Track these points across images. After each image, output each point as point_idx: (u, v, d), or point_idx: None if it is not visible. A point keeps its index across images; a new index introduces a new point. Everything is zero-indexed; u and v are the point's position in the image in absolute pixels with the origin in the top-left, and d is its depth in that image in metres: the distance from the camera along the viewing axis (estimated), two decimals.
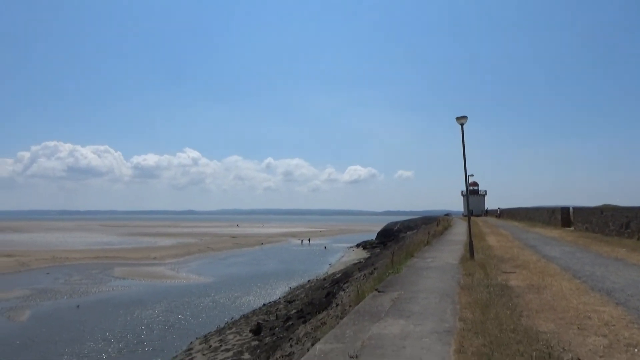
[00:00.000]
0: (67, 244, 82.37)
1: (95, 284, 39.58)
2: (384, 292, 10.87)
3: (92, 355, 20.74)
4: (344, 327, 7.93)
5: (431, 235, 27.73)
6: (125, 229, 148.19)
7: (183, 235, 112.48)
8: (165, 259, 59.44)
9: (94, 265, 52.43)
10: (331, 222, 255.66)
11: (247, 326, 23.35)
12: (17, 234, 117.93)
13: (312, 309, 21.38)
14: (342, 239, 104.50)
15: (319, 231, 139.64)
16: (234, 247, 79.04)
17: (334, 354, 6.43)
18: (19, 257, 57.00)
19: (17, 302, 31.82)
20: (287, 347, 13.63)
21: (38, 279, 42.47)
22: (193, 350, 20.63)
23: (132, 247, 76.71)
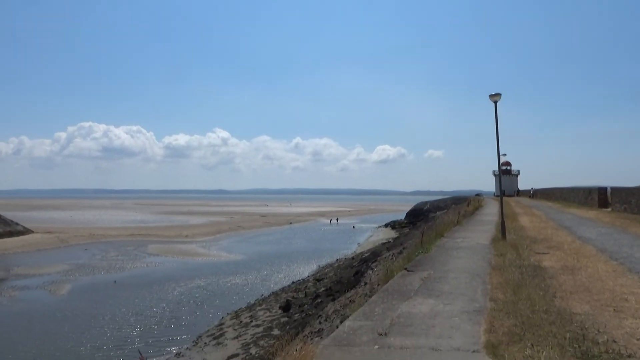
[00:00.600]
0: (103, 222, 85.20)
1: (130, 260, 40.89)
2: (413, 271, 10.82)
3: (128, 329, 21.53)
4: (373, 305, 7.94)
5: (461, 215, 27.37)
6: (158, 208, 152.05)
7: (214, 214, 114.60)
8: (197, 237, 60.78)
9: (129, 242, 54.10)
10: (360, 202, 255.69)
11: (277, 303, 23.74)
12: (57, 211, 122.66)
13: (340, 288, 21.54)
14: (371, 219, 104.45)
15: (348, 211, 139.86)
16: (264, 226, 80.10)
17: (362, 331, 6.46)
18: (59, 233, 59.36)
19: (58, 277, 33.23)
20: (316, 323, 13.82)
21: (77, 254, 44.16)
22: (224, 325, 21.15)
23: (165, 225, 78.71)
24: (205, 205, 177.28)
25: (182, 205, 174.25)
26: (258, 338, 18.12)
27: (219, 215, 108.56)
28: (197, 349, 18.32)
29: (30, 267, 37.75)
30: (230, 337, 19.16)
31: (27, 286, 30.33)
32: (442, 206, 73.46)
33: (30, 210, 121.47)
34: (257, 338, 18.16)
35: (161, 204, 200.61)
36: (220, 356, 16.89)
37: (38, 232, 60.97)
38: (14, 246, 49.18)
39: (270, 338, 17.59)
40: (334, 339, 6.18)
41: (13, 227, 60.67)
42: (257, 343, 17.46)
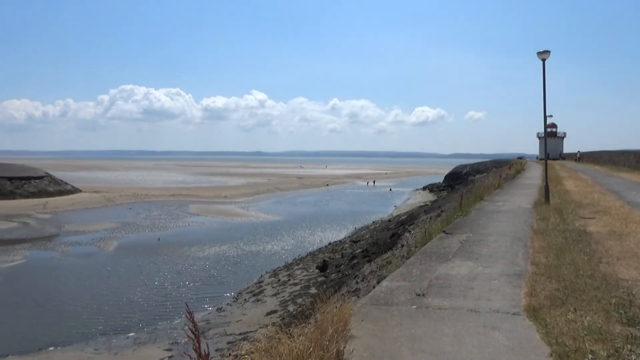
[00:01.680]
0: (146, 182, 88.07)
1: (172, 219, 42.34)
2: (451, 234, 10.70)
3: (172, 284, 22.51)
4: (410, 267, 7.93)
5: (502, 179, 26.71)
6: (198, 169, 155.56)
7: (252, 175, 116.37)
8: (235, 197, 62.08)
9: (171, 202, 55.88)
10: (397, 165, 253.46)
11: (314, 263, 24.18)
12: (102, 172, 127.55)
13: (376, 249, 21.67)
14: (408, 182, 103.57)
15: (385, 173, 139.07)
16: (301, 188, 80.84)
17: (400, 291, 6.48)
18: (105, 193, 61.89)
19: (106, 234, 34.87)
20: (352, 283, 14.02)
21: (122, 213, 46.06)
22: (263, 283, 21.80)
23: (205, 186, 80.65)
24: (243, 167, 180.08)
25: (220, 167, 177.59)
26: (295, 296, 18.61)
27: (256, 176, 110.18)
28: (237, 304, 19.02)
29: (79, 224, 39.72)
30: (269, 294, 19.76)
31: (78, 242, 32.02)
32: (482, 169, 71.87)
33: (77, 170, 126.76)
34: (294, 296, 18.65)
35: (200, 165, 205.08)
36: (260, 312, 17.48)
37: (85, 191, 63.76)
38: (64, 204, 51.76)
39: (307, 296, 18.03)
40: (372, 298, 6.23)
41: (63, 186, 63.65)
42: (294, 300, 17.95)
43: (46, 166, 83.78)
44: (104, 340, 15.93)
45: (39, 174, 63.60)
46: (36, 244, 31.27)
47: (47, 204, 51.17)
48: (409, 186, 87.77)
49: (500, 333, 4.94)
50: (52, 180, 63.80)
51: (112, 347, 15.31)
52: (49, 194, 58.91)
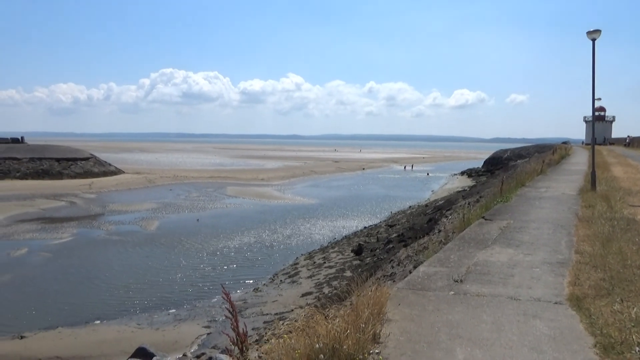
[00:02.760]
0: (185, 164, 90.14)
1: (211, 201, 43.25)
2: (491, 220, 10.47)
3: (211, 264, 23.08)
4: (448, 252, 7.83)
5: (545, 164, 25.84)
6: (235, 152, 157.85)
7: (288, 158, 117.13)
8: (272, 180, 62.73)
9: (209, 184, 57.02)
10: (435, 149, 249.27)
11: (349, 246, 24.24)
12: (143, 154, 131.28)
13: (413, 234, 21.48)
14: (446, 166, 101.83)
15: (422, 157, 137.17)
16: (336, 172, 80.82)
17: (437, 277, 6.41)
18: (146, 174, 63.78)
19: (148, 214, 36.00)
20: (388, 267, 13.98)
21: (163, 194, 47.40)
22: (299, 265, 22.04)
23: (242, 168, 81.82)
24: (279, 150, 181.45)
25: (257, 150, 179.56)
26: (331, 278, 18.73)
27: (292, 159, 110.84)
28: (273, 285, 19.34)
29: (122, 204, 41.17)
30: (304, 276, 19.97)
31: (121, 221, 33.22)
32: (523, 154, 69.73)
33: (120, 152, 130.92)
34: (329, 278, 18.78)
35: (238, 147, 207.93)
36: (295, 293, 17.71)
37: (128, 172, 65.91)
38: (108, 185, 53.72)
39: (342, 279, 18.11)
40: (408, 283, 6.19)
41: (107, 167, 65.99)
42: (329, 283, 18.08)
43: (91, 148, 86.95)
44: (146, 315, 16.55)
45: (85, 156, 66.13)
46: (82, 223, 32.64)
47: (92, 184, 53.25)
48: (446, 171, 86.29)
49: (541, 322, 4.82)
50: (97, 162, 66.23)
51: (153, 322, 15.90)
52: (94, 174, 61.25)
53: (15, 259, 23.28)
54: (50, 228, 30.56)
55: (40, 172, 58.97)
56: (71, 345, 13.91)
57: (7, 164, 59.05)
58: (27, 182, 54.16)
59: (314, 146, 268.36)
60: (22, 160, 60.38)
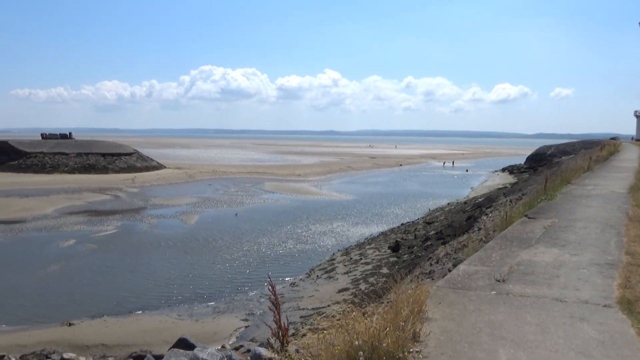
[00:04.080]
0: (224, 159, 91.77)
1: (249, 196, 43.87)
2: (534, 218, 10.15)
3: (246, 259, 23.42)
4: (489, 251, 7.63)
5: (592, 161, 24.82)
6: (272, 147, 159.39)
7: (324, 154, 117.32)
8: (308, 176, 63.00)
9: (247, 179, 57.84)
10: (474, 145, 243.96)
11: (386, 243, 24.07)
12: (184, 149, 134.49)
13: (451, 232, 21.11)
14: (486, 163, 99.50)
15: (461, 153, 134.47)
16: (373, 168, 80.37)
17: (478, 276, 6.27)
18: (187, 169, 65.31)
19: (188, 208, 36.88)
20: (426, 265, 13.80)
21: (202, 189, 48.43)
22: (335, 261, 22.06)
23: (279, 164, 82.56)
24: (316, 146, 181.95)
25: (294, 146, 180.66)
26: (367, 275, 18.67)
27: (329, 155, 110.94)
28: (309, 280, 19.45)
29: (164, 198, 42.34)
30: (341, 272, 19.98)
31: (163, 215, 34.17)
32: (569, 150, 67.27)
33: (161, 147, 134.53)
34: (366, 275, 18.72)
35: (275, 143, 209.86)
36: (331, 289, 17.75)
37: (169, 167, 67.68)
38: (150, 179, 55.34)
39: (379, 276, 18.03)
40: (448, 281, 6.08)
41: (149, 162, 67.99)
42: (366, 279, 18.02)
43: (134, 143, 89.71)
44: (186, 307, 16.98)
45: (128, 151, 68.35)
46: (126, 216, 33.77)
47: (135, 179, 54.99)
48: (486, 167, 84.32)
49: (589, 325, 4.64)
50: (140, 157, 68.33)
51: (193, 314, 16.29)
52: (137, 169, 63.24)
53: (64, 250, 24.34)
54: (96, 220, 31.78)
55: (87, 166, 61.40)
56: (116, 334, 14.44)
57: (57, 159, 61.80)
58: (75, 176, 56.52)
59: (350, 142, 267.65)
60: (70, 155, 63.04)
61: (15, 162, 60.51)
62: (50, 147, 64.67)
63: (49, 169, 59.59)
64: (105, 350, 13.37)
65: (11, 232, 28.08)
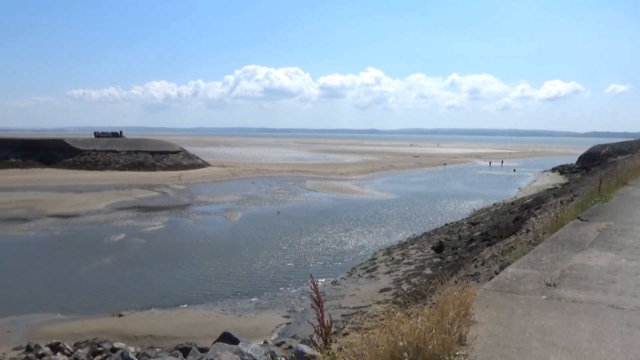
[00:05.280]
0: (267, 158, 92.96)
1: (291, 194, 44.23)
2: (587, 221, 9.69)
3: (288, 257, 23.62)
4: (539, 254, 7.35)
5: None
6: (314, 146, 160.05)
7: (367, 153, 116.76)
8: (350, 174, 62.87)
9: (290, 177, 58.34)
10: (522, 144, 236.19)
11: (429, 243, 23.69)
12: (228, 147, 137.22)
13: (497, 233, 20.51)
14: (535, 162, 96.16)
15: (508, 153, 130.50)
16: (416, 167, 79.28)
17: (527, 279, 6.05)
18: (231, 167, 66.61)
19: (231, 205, 37.59)
20: (471, 267, 13.46)
21: (245, 186, 49.24)
22: (377, 260, 21.91)
23: (321, 162, 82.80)
24: (358, 145, 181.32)
25: (336, 144, 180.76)
26: (410, 275, 18.43)
27: (371, 154, 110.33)
28: (351, 279, 19.40)
29: (209, 195, 43.35)
30: (383, 271, 19.83)
31: (207, 212, 35.00)
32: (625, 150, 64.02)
33: (206, 146, 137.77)
34: (408, 275, 18.48)
35: (317, 142, 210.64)
36: (373, 288, 17.64)
37: (214, 165, 69.24)
38: (195, 177, 56.81)
39: (422, 276, 17.76)
40: (496, 284, 5.89)
41: (195, 160, 69.79)
42: (408, 280, 17.79)
43: (180, 142, 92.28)
44: (229, 302, 17.32)
45: (175, 149, 70.42)
46: (173, 212, 34.81)
47: (181, 176, 56.60)
48: (535, 167, 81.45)
49: None
50: (186, 155, 70.26)
51: (236, 309, 16.60)
52: (183, 167, 65.07)
53: (115, 244, 25.36)
54: (145, 216, 32.92)
55: (136, 163, 63.76)
56: (162, 326, 14.92)
57: (108, 156, 64.51)
58: (125, 173, 58.79)
59: (393, 141, 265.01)
60: (120, 153, 65.65)
61: (70, 159, 63.61)
62: (102, 145, 67.58)
63: (101, 166, 62.28)
64: (153, 341, 13.84)
65: (67, 226, 29.53)
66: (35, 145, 66.34)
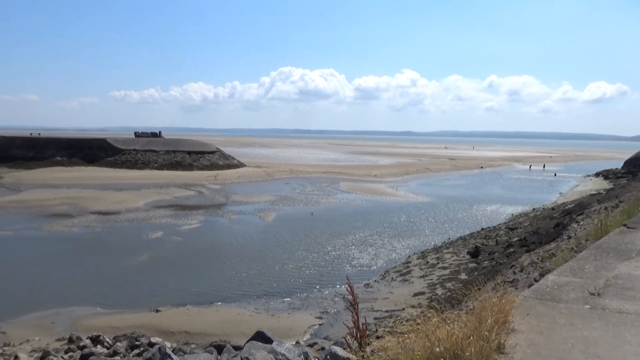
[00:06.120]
0: (301, 159, 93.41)
1: (324, 195, 44.28)
2: (635, 228, 9.28)
3: (320, 258, 23.63)
4: (582, 262, 7.09)
5: None
6: (349, 148, 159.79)
7: (401, 155, 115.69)
8: (385, 177, 62.42)
9: (323, 178, 58.43)
10: (564, 147, 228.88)
11: (465, 248, 23.24)
12: (263, 148, 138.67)
13: (537, 239, 19.93)
14: (577, 167, 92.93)
15: (549, 156, 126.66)
16: (452, 170, 77.99)
17: (569, 288, 5.83)
18: (265, 168, 67.27)
19: (266, 205, 37.95)
20: (509, 273, 13.11)
21: (280, 187, 49.63)
22: (411, 264, 21.66)
23: (355, 164, 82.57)
24: (392, 147, 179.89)
25: (370, 146, 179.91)
26: (444, 280, 18.13)
27: (406, 156, 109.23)
28: (384, 282, 19.24)
29: (244, 195, 43.92)
30: (417, 275, 19.58)
31: (242, 211, 35.46)
32: None
33: (242, 146, 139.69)
34: (443, 279, 18.19)
35: (351, 144, 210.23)
36: (406, 292, 17.44)
37: (249, 166, 70.11)
38: (231, 177, 57.67)
39: (457, 281, 17.44)
40: (536, 292, 5.71)
41: (230, 160, 70.87)
42: (443, 284, 17.50)
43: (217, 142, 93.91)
44: (263, 301, 17.49)
45: (211, 149, 71.72)
46: (208, 211, 35.44)
47: (217, 176, 57.58)
48: (577, 171, 78.71)
49: None
50: (222, 155, 71.44)
51: (269, 308, 16.74)
52: (219, 167, 66.19)
53: (153, 241, 26.03)
54: (181, 214, 33.66)
55: (174, 163, 65.31)
56: (197, 323, 15.20)
57: (148, 156, 66.34)
58: (163, 172, 60.31)
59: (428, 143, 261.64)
60: (159, 153, 67.40)
61: (111, 158, 65.76)
62: (142, 144, 69.55)
63: (140, 165, 64.11)
64: (188, 338, 14.12)
65: (107, 223, 30.53)
66: (79, 145, 68.96)
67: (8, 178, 52.15)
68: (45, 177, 52.95)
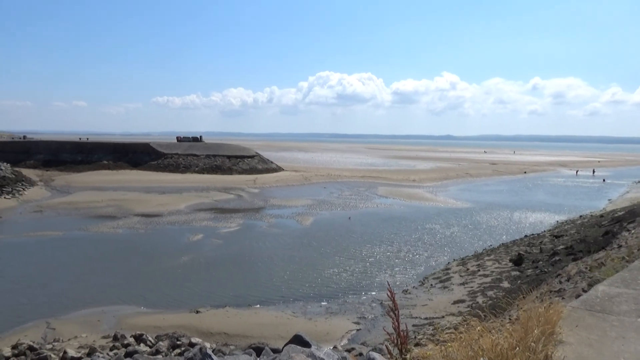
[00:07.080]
0: (338, 163, 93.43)
1: (362, 200, 44.09)
2: None
3: (358, 263, 23.49)
4: (635, 272, 6.77)
5: None
6: (386, 152, 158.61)
7: (441, 159, 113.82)
8: (423, 181, 61.58)
9: (361, 183, 58.21)
10: (613, 152, 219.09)
11: (507, 255, 22.59)
12: (301, 152, 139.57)
13: (584, 247, 19.13)
14: (628, 172, 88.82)
15: (597, 161, 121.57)
16: (493, 174, 76.10)
17: (621, 299, 5.57)
18: (303, 172, 67.65)
19: (303, 210, 38.14)
20: (554, 282, 12.62)
21: (317, 191, 49.77)
22: (450, 271, 21.23)
23: (394, 169, 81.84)
24: (431, 151, 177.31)
25: (409, 150, 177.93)
26: (485, 288, 17.67)
27: (445, 161, 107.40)
28: (423, 289, 18.94)
29: (282, 199, 44.28)
30: (456, 282, 19.17)
31: (280, 215, 35.75)
32: None
33: (280, 151, 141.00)
34: (484, 287, 17.73)
35: (389, 148, 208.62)
36: (446, 299, 17.10)
37: (287, 170, 70.69)
38: (269, 181, 58.30)
39: (498, 290, 16.97)
40: (585, 303, 5.48)
41: (269, 165, 71.67)
42: (484, 292, 17.06)
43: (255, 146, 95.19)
44: (300, 305, 17.54)
45: (250, 154, 72.75)
46: (247, 214, 35.93)
47: (256, 180, 58.35)
48: (628, 177, 75.19)
49: None
50: (261, 159, 72.36)
51: (307, 312, 16.77)
52: (258, 171, 67.05)
53: (193, 243, 26.61)
54: (221, 217, 34.27)
55: (214, 167, 66.65)
56: (236, 324, 15.40)
57: (189, 160, 68.00)
58: (204, 176, 61.63)
59: (469, 147, 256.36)
60: (200, 157, 68.96)
61: (155, 162, 67.80)
62: (183, 149, 71.36)
63: (182, 168, 65.78)
64: (227, 339, 14.32)
65: (151, 225, 31.45)
66: (124, 149, 71.48)
67: (59, 181, 54.63)
68: (92, 180, 55.19)
